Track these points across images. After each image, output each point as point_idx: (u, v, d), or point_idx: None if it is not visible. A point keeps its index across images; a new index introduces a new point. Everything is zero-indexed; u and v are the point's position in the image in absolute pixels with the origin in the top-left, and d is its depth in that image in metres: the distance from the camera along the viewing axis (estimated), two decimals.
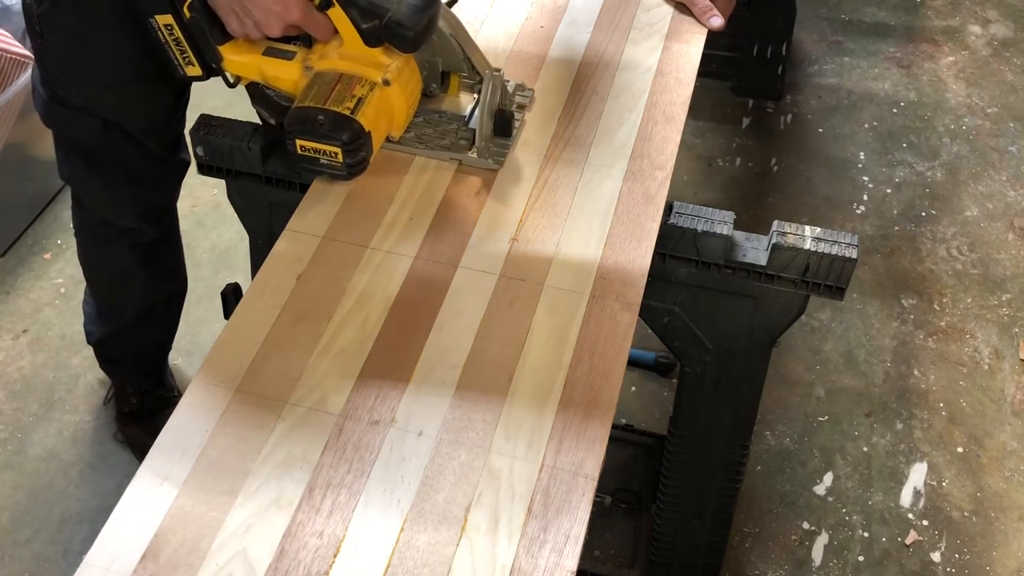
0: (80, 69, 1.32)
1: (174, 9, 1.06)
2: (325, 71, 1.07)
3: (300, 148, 1.05)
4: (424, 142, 1.12)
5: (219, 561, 0.78)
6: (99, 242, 1.61)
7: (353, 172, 1.06)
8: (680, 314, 1.16)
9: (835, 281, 1.08)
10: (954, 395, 2.00)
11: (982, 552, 1.76)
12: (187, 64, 1.12)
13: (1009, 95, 2.74)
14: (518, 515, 0.81)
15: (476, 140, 1.10)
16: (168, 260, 1.69)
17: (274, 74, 1.10)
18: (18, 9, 2.15)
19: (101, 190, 1.49)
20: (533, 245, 1.03)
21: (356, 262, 1.01)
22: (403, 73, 1.08)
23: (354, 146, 1.04)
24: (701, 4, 1.32)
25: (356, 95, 1.04)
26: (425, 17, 1.03)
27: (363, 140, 1.04)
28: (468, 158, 1.11)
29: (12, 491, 1.81)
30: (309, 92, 1.06)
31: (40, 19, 1.28)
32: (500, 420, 0.87)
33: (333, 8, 1.03)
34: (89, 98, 1.35)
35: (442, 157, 1.12)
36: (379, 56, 1.06)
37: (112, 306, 1.71)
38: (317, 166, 1.06)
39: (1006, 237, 2.33)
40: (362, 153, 1.05)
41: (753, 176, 2.50)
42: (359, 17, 1.03)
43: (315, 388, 0.90)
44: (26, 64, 2.12)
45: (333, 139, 1.03)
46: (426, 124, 1.14)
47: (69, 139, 1.43)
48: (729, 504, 1.41)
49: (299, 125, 1.04)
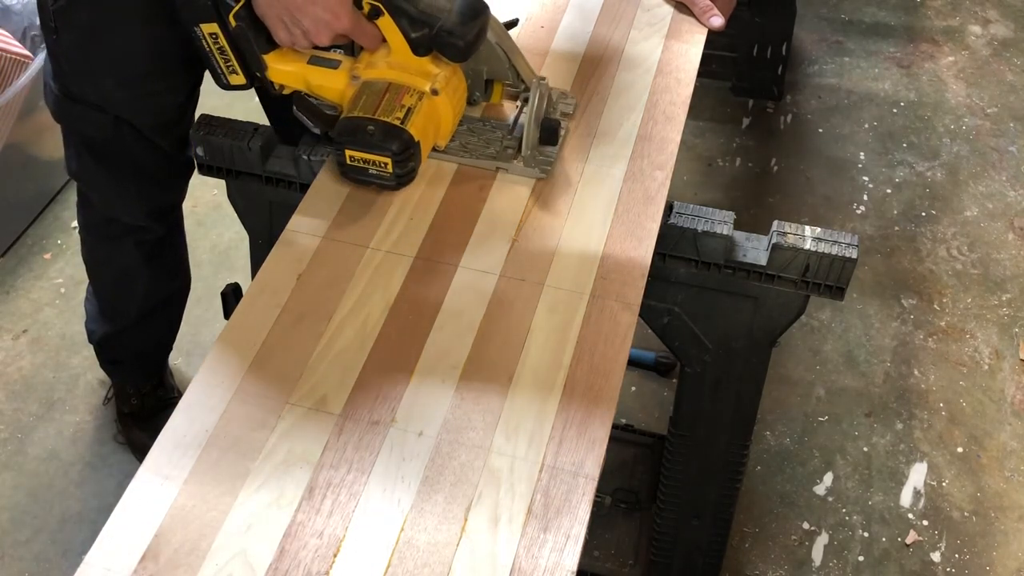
0: (94, 65, 1.32)
1: (220, 18, 1.06)
2: (373, 80, 1.07)
3: (349, 158, 1.05)
4: (469, 151, 1.12)
5: (219, 561, 0.78)
6: (105, 239, 1.61)
7: (402, 182, 1.06)
8: (680, 314, 1.16)
9: (835, 281, 1.08)
10: (954, 395, 2.00)
11: (982, 552, 1.76)
12: (231, 73, 1.11)
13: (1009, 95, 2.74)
14: (518, 515, 0.81)
15: (522, 149, 1.09)
16: (173, 258, 1.69)
17: (319, 83, 1.10)
18: (18, 9, 2.15)
19: (109, 187, 1.49)
20: (533, 245, 1.03)
21: (356, 262, 1.01)
22: (451, 82, 1.07)
23: (404, 156, 1.03)
24: (701, 4, 1.32)
25: (405, 105, 1.04)
26: (476, 26, 1.03)
27: (413, 150, 1.04)
28: (514, 167, 1.10)
29: (12, 491, 1.81)
30: (358, 102, 1.05)
31: (56, 15, 1.28)
32: (500, 420, 0.87)
33: (383, 17, 1.03)
34: (101, 94, 1.35)
35: (487, 166, 1.11)
36: (427, 65, 1.06)
37: (115, 305, 1.71)
38: (366, 176, 1.05)
39: (1006, 237, 2.33)
40: (411, 163, 1.05)
41: (753, 176, 2.50)
42: (409, 26, 1.03)
43: (315, 388, 0.90)
44: (26, 64, 2.12)
45: (383, 149, 1.03)
46: (469, 132, 1.14)
47: (79, 135, 1.43)
48: (729, 504, 1.41)
49: (349, 135, 1.04)
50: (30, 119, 2.20)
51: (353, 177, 1.07)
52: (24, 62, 2.11)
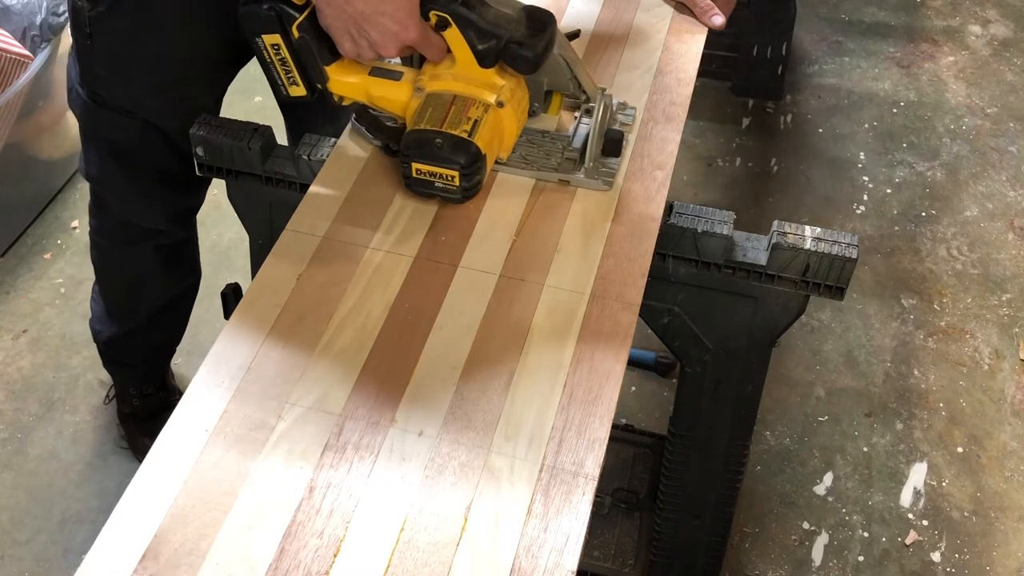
0: (128, 71, 1.31)
1: (283, 29, 1.04)
2: (438, 92, 1.05)
3: (415, 171, 1.04)
4: (529, 163, 1.10)
5: (219, 561, 0.78)
6: (120, 244, 1.60)
7: (468, 195, 1.05)
8: (680, 314, 1.16)
9: (835, 281, 1.08)
10: (954, 395, 2.00)
11: (982, 552, 1.76)
12: (291, 84, 1.10)
13: (1009, 95, 2.74)
14: (518, 515, 0.81)
15: (585, 161, 1.08)
16: (187, 261, 1.69)
17: (380, 94, 1.08)
18: (18, 9, 2.15)
19: (131, 192, 1.48)
20: (533, 245, 1.03)
21: (356, 262, 1.01)
22: (515, 94, 1.06)
23: (471, 169, 1.02)
24: (702, 3, 1.32)
25: (472, 117, 1.03)
26: (544, 38, 1.02)
27: (480, 163, 1.03)
28: (576, 179, 1.09)
29: (12, 491, 1.81)
30: (423, 114, 1.04)
31: (92, 20, 1.27)
32: (500, 420, 0.87)
33: (450, 29, 1.02)
34: (134, 100, 1.35)
35: (549, 178, 1.10)
36: (492, 77, 1.05)
37: (125, 307, 1.70)
38: (431, 189, 1.04)
39: (1006, 237, 2.33)
40: (477, 176, 1.04)
41: (753, 176, 2.50)
42: (476, 38, 1.02)
43: (315, 388, 0.90)
44: (26, 64, 2.12)
45: (451, 163, 1.02)
46: (529, 144, 1.12)
47: (105, 140, 1.42)
48: (729, 504, 1.41)
49: (416, 148, 1.02)
50: (30, 119, 2.20)
51: (417, 190, 1.05)
52: (24, 62, 2.11)
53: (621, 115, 1.16)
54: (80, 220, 2.31)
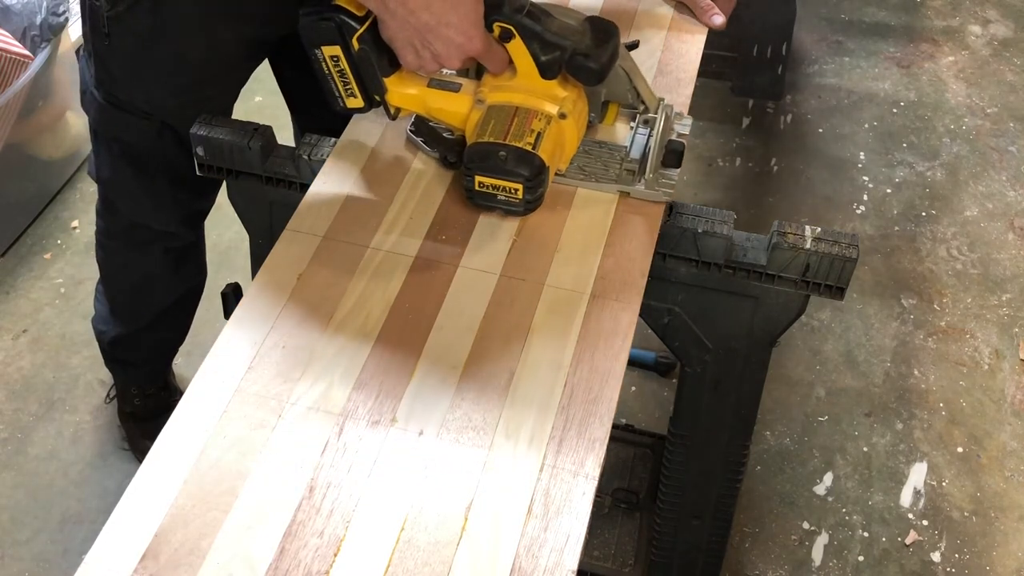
0: (146, 72, 1.31)
1: (343, 40, 1.03)
2: (500, 104, 1.04)
3: (479, 184, 1.03)
4: (588, 174, 1.09)
5: (219, 561, 0.78)
6: (129, 246, 1.59)
7: (530, 208, 1.04)
8: (680, 314, 1.16)
9: (835, 281, 1.08)
10: (954, 395, 2.00)
11: (982, 552, 1.76)
12: (349, 96, 1.08)
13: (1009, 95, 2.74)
14: (518, 515, 0.81)
15: (646, 171, 1.07)
16: (194, 263, 1.69)
17: (439, 106, 1.07)
18: (18, 9, 2.15)
19: (144, 194, 1.48)
20: (533, 245, 1.03)
21: (356, 262, 1.01)
22: (577, 105, 1.05)
23: (535, 182, 1.01)
24: (703, 3, 1.32)
25: (535, 129, 1.01)
26: (609, 49, 1.01)
27: (544, 176, 1.02)
28: (636, 190, 1.08)
29: (12, 491, 1.81)
30: (486, 127, 1.03)
31: (110, 21, 1.26)
32: (500, 420, 0.87)
33: (513, 40, 1.00)
34: (151, 101, 1.34)
35: (609, 190, 1.08)
36: (554, 88, 1.03)
37: (131, 308, 1.70)
38: (493, 202, 1.03)
39: (1006, 237, 2.33)
40: (541, 189, 1.03)
41: (753, 176, 2.50)
42: (540, 50, 1.00)
43: (315, 387, 0.90)
44: (26, 64, 2.12)
45: (516, 176, 1.00)
46: (585, 155, 1.11)
47: (119, 143, 1.41)
48: (729, 504, 1.41)
49: (480, 161, 1.01)
50: (30, 119, 2.20)
51: (479, 203, 1.05)
52: (24, 62, 2.11)
53: (678, 124, 1.15)
54: (80, 220, 2.31)
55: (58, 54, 2.23)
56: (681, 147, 1.07)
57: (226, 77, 1.37)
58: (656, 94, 1.13)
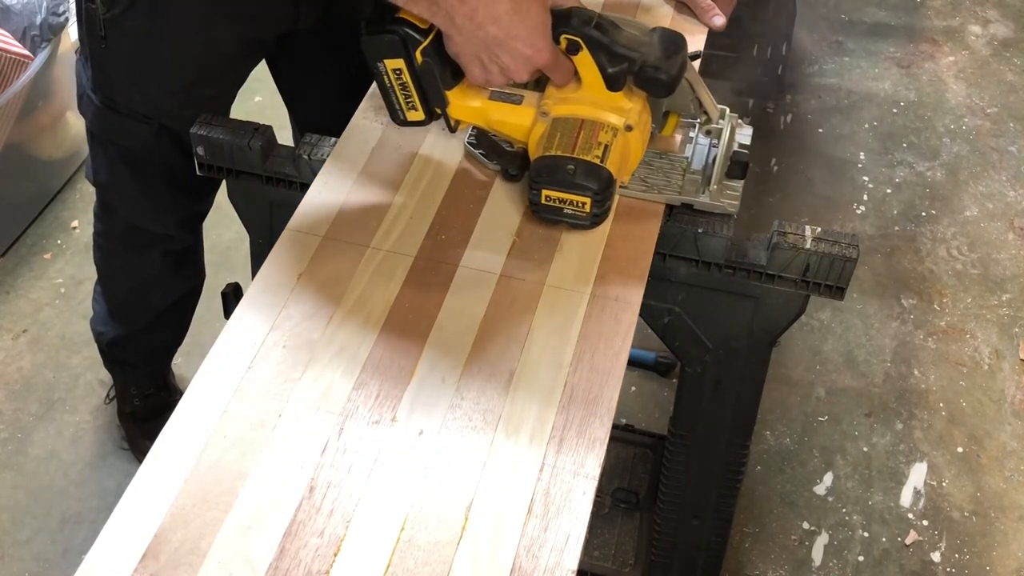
0: (145, 73, 1.30)
1: (407, 54, 1.02)
2: (565, 117, 1.03)
3: (545, 198, 1.01)
4: (649, 186, 1.08)
5: (219, 560, 0.78)
6: (128, 249, 1.59)
7: (596, 222, 1.02)
8: (680, 314, 1.16)
9: (835, 281, 1.08)
10: (954, 395, 2.00)
11: (982, 552, 1.76)
12: (410, 109, 1.08)
13: (1009, 95, 2.74)
14: (518, 515, 0.81)
15: (711, 183, 1.06)
16: (192, 264, 1.69)
17: (500, 119, 1.06)
18: (18, 9, 2.15)
19: (142, 197, 1.48)
20: (533, 245, 1.03)
21: (356, 262, 1.01)
22: (642, 117, 1.04)
23: (604, 195, 1.00)
24: (703, 3, 1.32)
25: (602, 142, 1.00)
26: (679, 60, 1.00)
27: (611, 189, 1.01)
28: (700, 202, 1.07)
29: (12, 491, 1.81)
30: (552, 139, 1.01)
31: (107, 23, 1.26)
32: (500, 420, 0.87)
33: (581, 52, 0.99)
34: (150, 102, 1.34)
35: (672, 202, 1.07)
36: (620, 100, 1.02)
37: (129, 310, 1.70)
38: (559, 215, 1.02)
39: (1006, 237, 2.33)
40: (608, 203, 1.01)
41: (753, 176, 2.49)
42: (607, 61, 0.99)
43: (315, 387, 0.90)
44: (26, 64, 2.12)
45: (584, 189, 0.99)
46: (647, 166, 1.10)
47: (117, 146, 1.41)
48: (729, 504, 1.41)
49: (548, 175, 1.00)
50: (30, 119, 2.20)
51: (544, 216, 1.03)
52: (24, 62, 2.11)
53: (739, 134, 1.13)
54: (80, 220, 2.31)
55: (58, 54, 2.22)
56: (746, 158, 1.06)
57: (224, 77, 1.37)
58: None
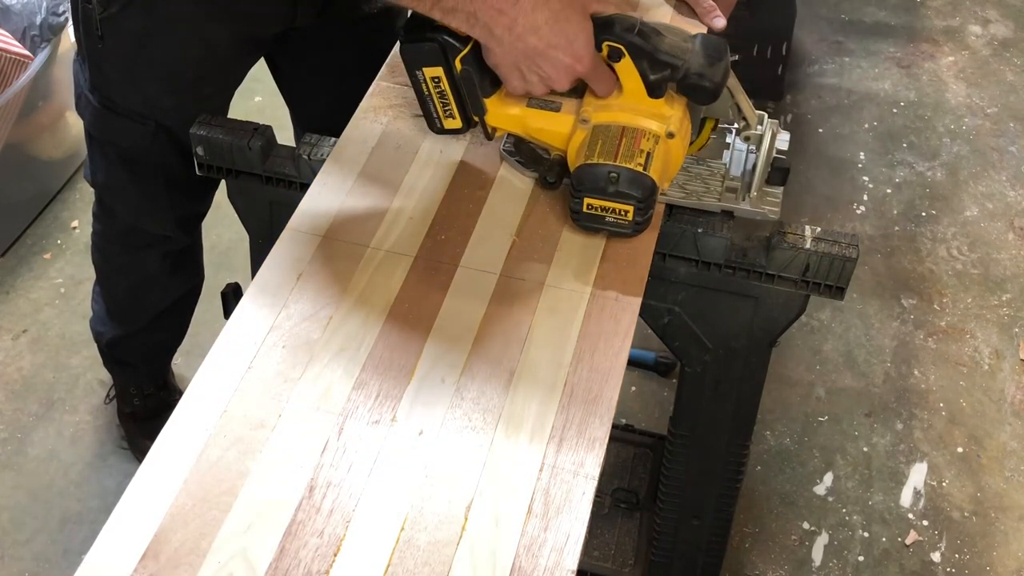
0: (142, 72, 1.30)
1: (446, 62, 1.02)
2: (605, 124, 1.02)
3: (587, 206, 1.00)
4: (688, 193, 1.07)
5: (219, 560, 0.78)
6: (127, 250, 1.59)
7: (638, 230, 1.01)
8: (680, 314, 1.16)
9: (835, 281, 1.08)
10: (954, 395, 2.00)
11: (982, 552, 1.76)
12: (447, 117, 1.08)
13: (1009, 95, 2.74)
14: (518, 515, 0.81)
15: (751, 189, 1.06)
16: (192, 265, 1.69)
17: (538, 126, 1.06)
18: (18, 9, 2.15)
19: (140, 198, 1.48)
20: (533, 245, 1.03)
21: (356, 262, 1.01)
22: (683, 124, 1.03)
23: (647, 203, 0.99)
24: (704, 4, 1.32)
25: (644, 149, 0.99)
26: (722, 67, 0.99)
27: (654, 197, 1.00)
28: (740, 209, 1.06)
29: (12, 491, 1.81)
30: (595, 147, 1.00)
31: (103, 23, 1.26)
32: (500, 419, 0.87)
33: (623, 59, 0.99)
34: (148, 102, 1.33)
35: (712, 209, 1.07)
36: (661, 107, 1.01)
37: (128, 310, 1.70)
38: (601, 224, 1.01)
39: (1006, 237, 2.33)
40: (651, 211, 1.01)
41: None
42: (649, 69, 0.99)
43: (315, 387, 0.90)
44: (26, 64, 2.12)
45: (627, 197, 0.98)
46: (684, 172, 1.09)
47: (114, 147, 1.41)
48: (729, 504, 1.41)
49: (591, 183, 0.99)
50: (30, 119, 2.20)
51: (585, 224, 1.03)
52: (24, 62, 2.11)
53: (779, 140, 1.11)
54: (80, 220, 2.31)
55: (58, 54, 2.22)
56: (787, 164, 1.05)
57: (222, 75, 1.37)
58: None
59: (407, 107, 1.19)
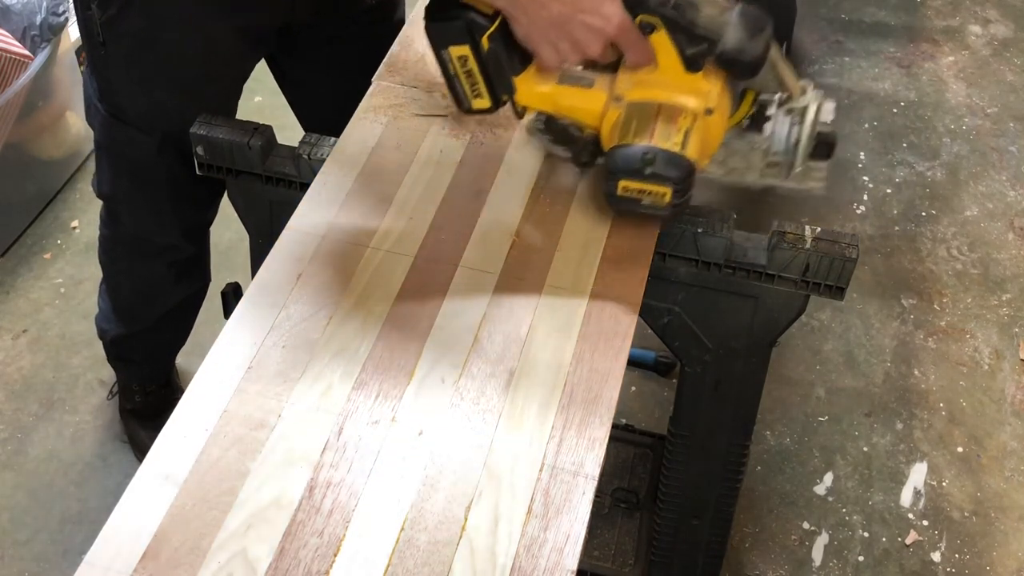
0: (145, 74, 1.30)
1: (472, 40, 0.98)
2: (640, 102, 0.97)
3: (622, 190, 0.96)
4: (729, 169, 1.04)
5: (219, 560, 0.78)
6: (134, 258, 1.59)
7: (676, 213, 0.98)
8: (680, 314, 1.16)
9: (835, 281, 1.08)
10: (954, 395, 2.00)
11: (982, 552, 1.76)
12: (475, 97, 1.04)
13: (1009, 95, 2.74)
14: (518, 515, 0.81)
15: (796, 164, 1.01)
16: (198, 272, 1.69)
17: (570, 104, 1.02)
18: (18, 9, 2.15)
19: (146, 208, 1.48)
20: (533, 245, 1.03)
21: (356, 262, 1.01)
22: (722, 99, 0.98)
23: (684, 185, 0.95)
24: None
25: (681, 128, 0.95)
26: (763, 40, 0.95)
27: (692, 178, 0.95)
28: (785, 187, 1.02)
29: (12, 491, 1.81)
30: (629, 127, 0.96)
31: (103, 27, 1.25)
32: (500, 419, 0.87)
33: (657, 32, 0.95)
34: (154, 105, 1.33)
35: (754, 185, 1.03)
36: (699, 82, 0.96)
37: (133, 311, 1.70)
38: (637, 207, 0.97)
39: (1006, 237, 2.33)
40: (689, 192, 0.96)
41: None
42: (685, 42, 0.94)
43: (315, 387, 0.90)
44: (26, 64, 2.12)
45: (665, 179, 0.94)
46: (723, 147, 1.04)
47: (122, 157, 1.41)
48: (729, 504, 1.41)
49: (625, 165, 0.95)
50: (30, 119, 2.20)
51: (620, 207, 0.99)
52: (24, 62, 2.11)
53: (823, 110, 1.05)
54: (80, 220, 2.31)
55: (58, 54, 2.22)
56: (834, 138, 1.00)
57: (225, 73, 1.36)
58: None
59: (407, 107, 1.19)
